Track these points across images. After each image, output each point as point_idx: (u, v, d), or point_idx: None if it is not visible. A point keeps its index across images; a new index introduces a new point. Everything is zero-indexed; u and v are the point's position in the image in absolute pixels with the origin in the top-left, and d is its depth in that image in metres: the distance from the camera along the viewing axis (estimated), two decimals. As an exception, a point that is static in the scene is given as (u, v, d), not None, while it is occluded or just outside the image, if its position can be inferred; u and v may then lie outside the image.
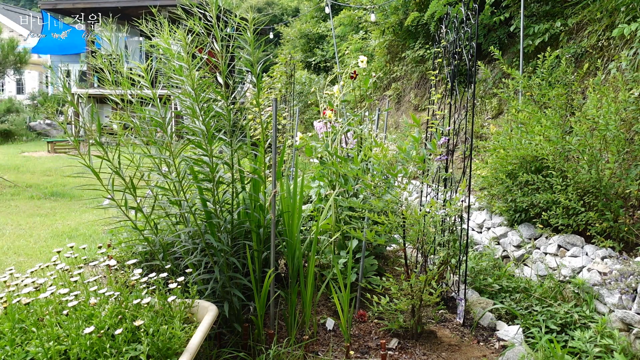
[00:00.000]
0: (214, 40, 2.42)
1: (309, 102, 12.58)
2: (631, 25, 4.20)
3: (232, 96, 2.55)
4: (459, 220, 3.23)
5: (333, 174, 3.49)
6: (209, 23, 2.39)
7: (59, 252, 2.43)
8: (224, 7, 2.48)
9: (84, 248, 2.67)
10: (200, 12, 2.43)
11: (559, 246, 3.61)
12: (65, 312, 1.86)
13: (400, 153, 2.69)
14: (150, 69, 2.55)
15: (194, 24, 2.39)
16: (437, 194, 3.62)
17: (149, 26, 2.58)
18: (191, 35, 2.41)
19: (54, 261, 2.40)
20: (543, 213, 3.74)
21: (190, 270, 2.47)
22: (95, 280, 2.15)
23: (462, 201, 3.03)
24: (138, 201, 2.58)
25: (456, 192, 3.13)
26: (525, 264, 3.91)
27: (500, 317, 3.14)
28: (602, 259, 3.24)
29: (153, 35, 2.54)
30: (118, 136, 2.67)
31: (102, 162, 2.42)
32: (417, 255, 3.57)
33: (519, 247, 4.03)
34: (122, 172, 2.50)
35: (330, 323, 2.96)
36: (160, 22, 2.53)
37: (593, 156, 3.47)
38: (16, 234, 5.45)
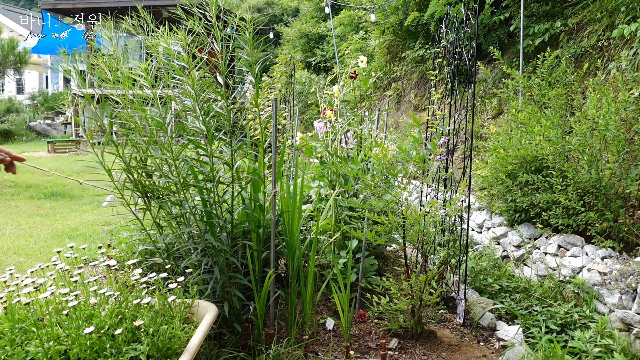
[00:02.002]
0: (213, 40, 2.42)
1: (309, 102, 12.58)
2: (631, 26, 4.19)
3: (232, 96, 2.55)
4: (459, 220, 3.23)
5: (333, 174, 3.49)
6: (209, 23, 2.39)
7: (59, 252, 2.43)
8: (223, 7, 2.47)
9: (84, 248, 2.67)
10: (200, 12, 2.43)
11: (559, 246, 3.61)
12: (65, 312, 1.86)
13: (400, 153, 2.69)
14: (150, 69, 2.55)
15: (194, 24, 2.39)
16: (437, 194, 3.62)
17: (141, 25, 2.59)
18: (191, 35, 2.41)
19: (54, 261, 2.40)
20: (543, 213, 3.73)
21: (191, 270, 2.47)
22: (95, 280, 2.15)
23: (462, 201, 3.03)
24: (147, 197, 2.59)
25: (456, 192, 3.13)
26: (525, 264, 3.91)
27: (500, 317, 3.14)
28: (602, 259, 3.24)
29: (134, 33, 2.55)
30: (119, 136, 2.67)
31: (114, 160, 2.43)
32: (417, 255, 3.57)
33: (519, 247, 4.03)
34: (132, 170, 2.52)
35: (330, 323, 2.96)
36: (158, 22, 2.53)
37: (593, 156, 3.47)
38: (16, 234, 5.46)
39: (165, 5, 14.05)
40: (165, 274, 2.21)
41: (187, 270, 2.47)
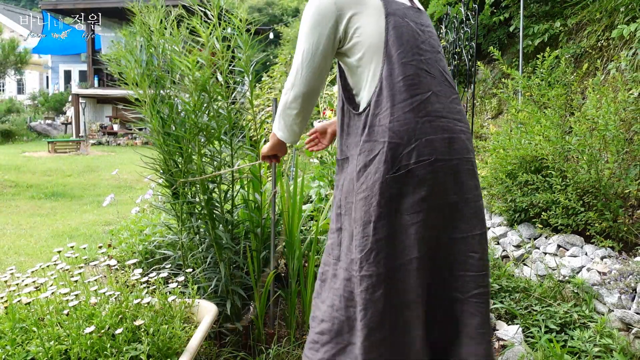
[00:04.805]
0: (215, 39, 2.43)
1: (309, 102, 12.54)
2: (630, 26, 4.20)
3: (233, 95, 2.56)
4: (459, 220, 3.23)
5: (333, 174, 3.49)
6: (210, 22, 2.40)
7: (59, 251, 2.43)
8: (225, 7, 2.48)
9: (84, 248, 2.68)
10: (202, 11, 2.44)
11: (559, 246, 3.62)
12: (65, 311, 1.86)
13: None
14: (151, 69, 2.56)
15: (197, 23, 2.40)
16: (437, 194, 3.62)
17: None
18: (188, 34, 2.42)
19: (55, 261, 2.40)
20: (543, 213, 3.74)
21: (190, 270, 2.48)
22: (95, 280, 2.15)
23: (461, 201, 3.03)
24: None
25: (456, 192, 3.13)
26: (524, 264, 3.91)
27: (499, 317, 3.15)
28: (602, 258, 3.24)
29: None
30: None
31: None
32: (416, 255, 3.57)
33: (518, 247, 4.04)
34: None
35: (330, 323, 2.96)
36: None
37: (592, 156, 3.47)
38: (17, 233, 5.46)
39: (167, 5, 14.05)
40: (165, 274, 2.21)
41: (187, 270, 2.47)
